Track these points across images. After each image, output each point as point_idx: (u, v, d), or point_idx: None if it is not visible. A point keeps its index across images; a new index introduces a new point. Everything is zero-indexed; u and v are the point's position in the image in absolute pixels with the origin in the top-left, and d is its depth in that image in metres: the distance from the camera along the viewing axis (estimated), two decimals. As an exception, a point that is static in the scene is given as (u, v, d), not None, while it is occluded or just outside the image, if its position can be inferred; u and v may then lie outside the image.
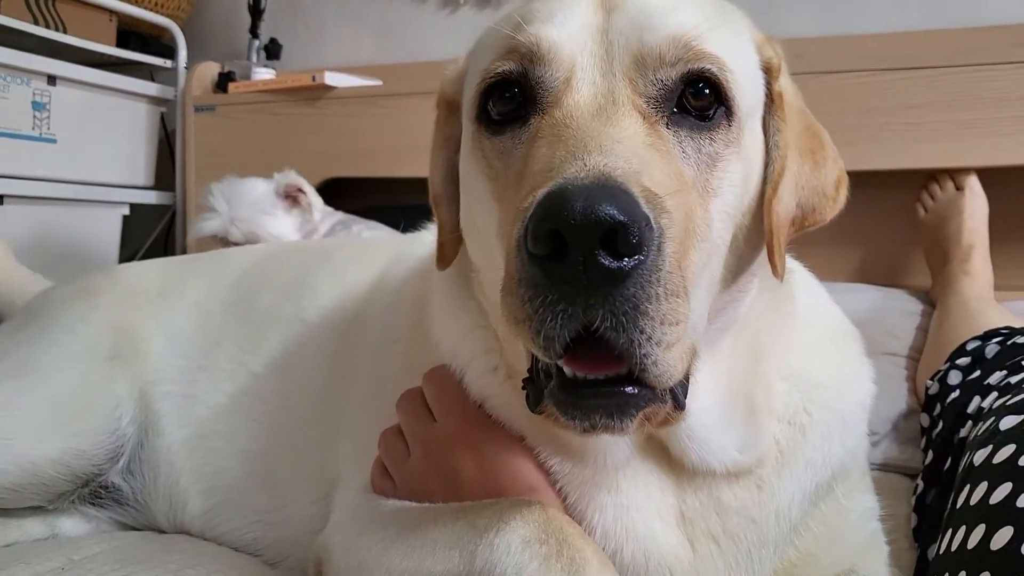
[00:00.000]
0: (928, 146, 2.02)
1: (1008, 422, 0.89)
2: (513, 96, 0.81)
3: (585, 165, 0.66)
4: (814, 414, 0.93)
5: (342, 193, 2.72)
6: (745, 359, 0.90)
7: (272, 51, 3.06)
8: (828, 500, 0.93)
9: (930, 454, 1.18)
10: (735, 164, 0.80)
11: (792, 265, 1.00)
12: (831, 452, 0.93)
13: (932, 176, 2.07)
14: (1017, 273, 2.07)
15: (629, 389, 0.69)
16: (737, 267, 0.85)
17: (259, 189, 2.38)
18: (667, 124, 0.77)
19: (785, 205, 0.85)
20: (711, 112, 0.79)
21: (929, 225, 2.02)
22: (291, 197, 2.41)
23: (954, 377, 1.30)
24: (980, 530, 0.75)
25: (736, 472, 0.88)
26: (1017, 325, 1.40)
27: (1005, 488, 0.79)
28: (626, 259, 0.63)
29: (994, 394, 1.05)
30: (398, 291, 1.21)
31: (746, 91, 0.82)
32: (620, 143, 0.70)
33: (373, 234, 2.33)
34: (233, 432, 1.28)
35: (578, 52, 0.78)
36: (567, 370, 0.69)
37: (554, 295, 0.64)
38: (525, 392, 0.78)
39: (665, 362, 0.67)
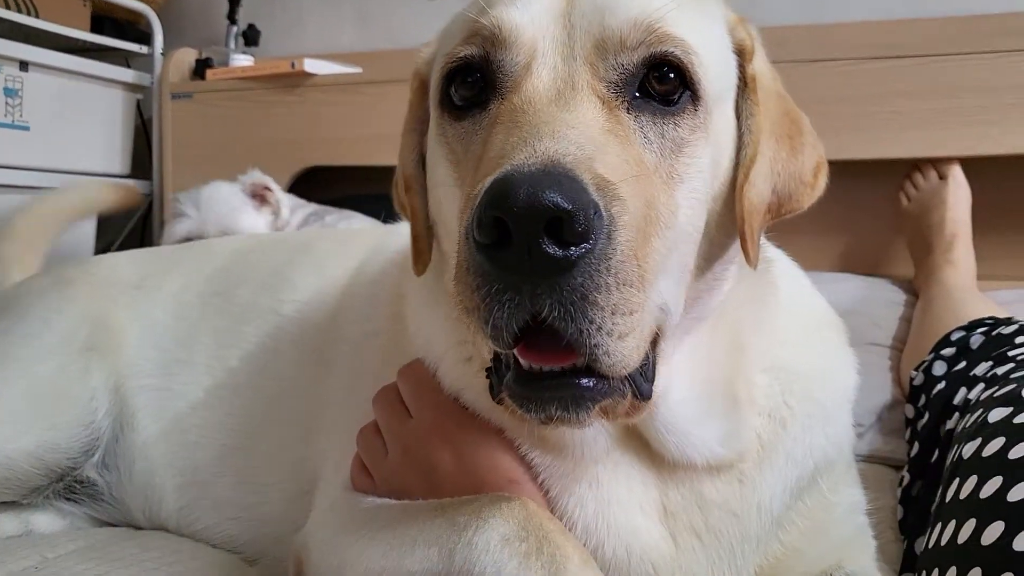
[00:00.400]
0: (911, 135, 2.01)
1: (997, 414, 0.88)
2: (475, 81, 0.79)
3: (535, 151, 0.65)
4: (795, 406, 0.92)
5: (322, 182, 2.70)
6: (725, 349, 0.89)
7: (250, 37, 3.02)
8: (812, 494, 0.92)
9: (916, 446, 1.18)
10: (702, 149, 0.78)
11: (774, 254, 0.99)
12: (813, 444, 0.92)
13: (915, 165, 2.07)
14: (999, 263, 2.07)
15: (584, 381, 0.69)
16: (711, 254, 0.84)
17: (225, 190, 2.36)
18: (628, 109, 0.75)
19: (758, 191, 0.83)
20: (675, 96, 0.77)
21: (912, 214, 2.02)
22: (259, 196, 2.39)
23: (939, 368, 1.29)
24: (970, 525, 0.75)
25: (717, 466, 0.87)
26: (1001, 315, 1.40)
27: (995, 482, 0.78)
28: (572, 248, 0.62)
29: (981, 385, 1.05)
30: (377, 283, 1.19)
31: (714, 74, 0.80)
32: (574, 128, 0.69)
33: (349, 224, 2.31)
34: (210, 426, 1.26)
35: (539, 36, 0.76)
36: (523, 361, 0.69)
37: (500, 284, 0.64)
38: (489, 382, 0.77)
39: (618, 352, 0.66)
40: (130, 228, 3.16)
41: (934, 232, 1.93)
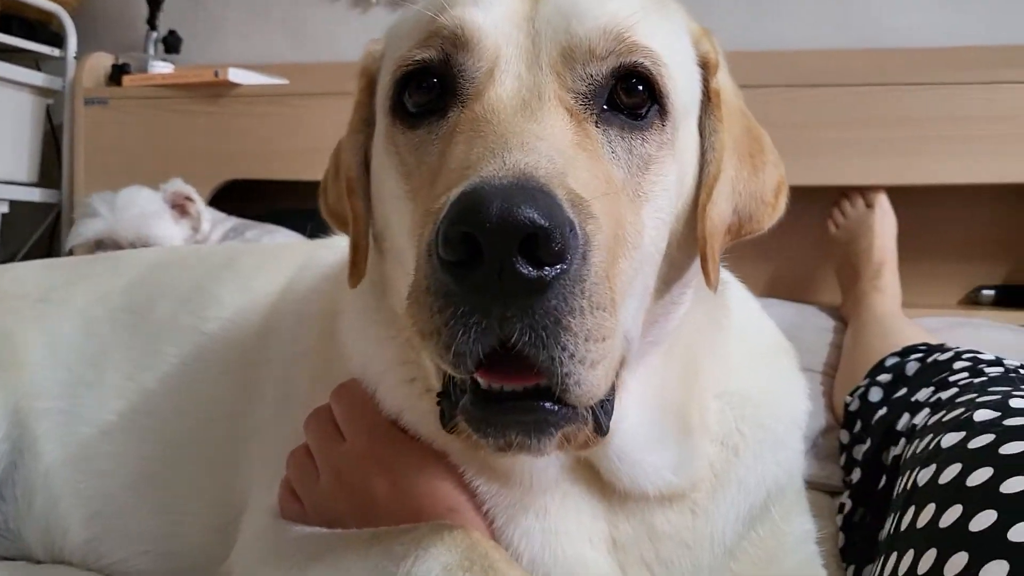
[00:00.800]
0: (840, 163, 2.05)
1: (950, 439, 0.87)
2: (432, 86, 0.75)
3: (504, 163, 0.61)
4: (747, 433, 0.89)
5: (244, 196, 2.61)
6: (679, 375, 0.85)
7: (171, 44, 2.91)
8: (764, 523, 0.90)
9: (857, 472, 1.17)
10: (669, 166, 0.75)
11: (726, 276, 0.97)
12: (765, 472, 0.89)
13: (843, 193, 2.10)
14: (921, 291, 2.12)
15: (549, 405, 0.64)
16: (670, 276, 0.81)
17: (144, 194, 2.26)
18: (596, 122, 0.72)
19: (720, 211, 0.81)
20: (644, 111, 0.74)
21: (840, 241, 2.05)
22: (179, 206, 2.29)
23: (875, 394, 1.29)
24: (931, 555, 0.73)
25: (670, 496, 0.84)
26: (933, 341, 1.41)
27: (955, 511, 0.76)
28: (547, 268, 0.57)
29: (925, 411, 1.04)
30: (307, 300, 1.12)
31: (681, 88, 0.77)
32: (543, 140, 0.65)
33: (272, 239, 2.23)
34: (122, 454, 1.16)
35: (503, 42, 0.72)
36: (481, 381, 0.64)
37: (467, 306, 0.59)
38: (440, 408, 0.72)
39: (589, 381, 0.62)
40: (36, 238, 3.00)
41: (862, 259, 1.96)
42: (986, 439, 0.82)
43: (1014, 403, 0.89)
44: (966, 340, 1.47)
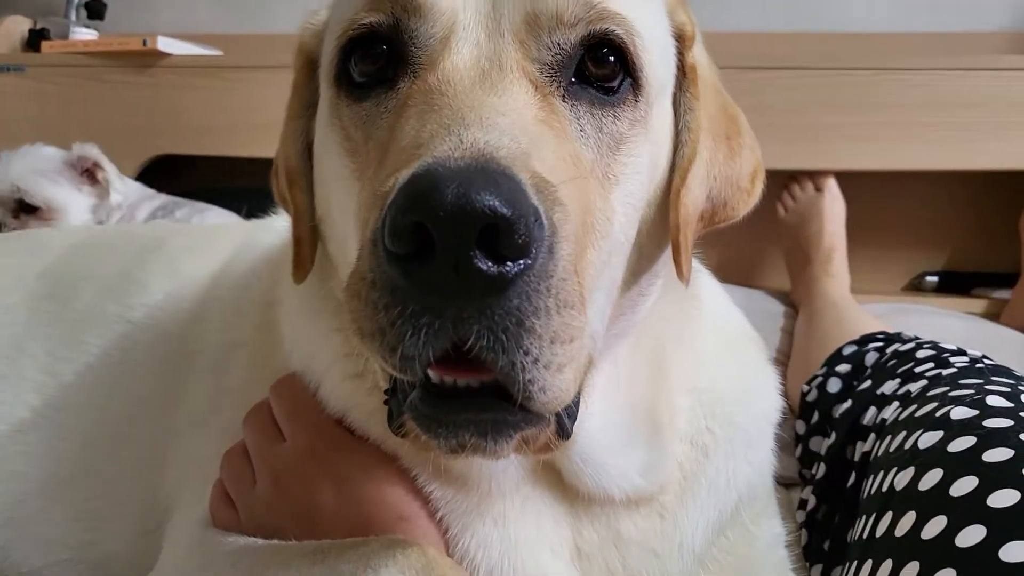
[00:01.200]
0: (789, 147, 2.02)
1: (928, 440, 0.83)
2: (380, 54, 0.68)
3: (461, 142, 0.54)
4: (717, 431, 0.85)
5: (173, 172, 2.49)
6: (646, 370, 0.80)
7: (94, 10, 2.74)
8: (735, 527, 0.85)
9: (822, 468, 1.13)
10: (641, 147, 0.70)
11: (695, 265, 0.91)
12: (736, 472, 0.85)
13: (792, 177, 2.08)
14: (866, 277, 2.12)
15: (508, 405, 0.57)
16: (639, 266, 0.75)
17: (44, 152, 2.10)
18: (563, 97, 0.66)
19: (694, 197, 0.75)
20: (615, 84, 0.68)
21: (789, 225, 2.03)
22: (88, 172, 2.14)
23: (834, 384, 1.26)
24: (913, 567, 0.69)
25: (637, 499, 0.79)
26: (889, 329, 1.39)
27: (939, 522, 0.72)
28: (509, 263, 0.51)
29: (894, 404, 1.01)
30: (243, 286, 1.04)
31: (656, 61, 0.71)
32: (505, 116, 0.58)
33: (203, 219, 2.11)
34: (38, 454, 1.06)
35: (460, 6, 0.65)
36: (433, 376, 0.57)
37: (416, 305, 0.52)
38: (388, 408, 0.65)
39: (555, 386, 0.56)
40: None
41: (812, 244, 1.94)
42: (967, 442, 0.79)
43: (992, 401, 0.86)
44: (913, 326, 1.45)
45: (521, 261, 0.51)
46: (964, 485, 0.74)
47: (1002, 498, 0.70)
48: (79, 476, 1.04)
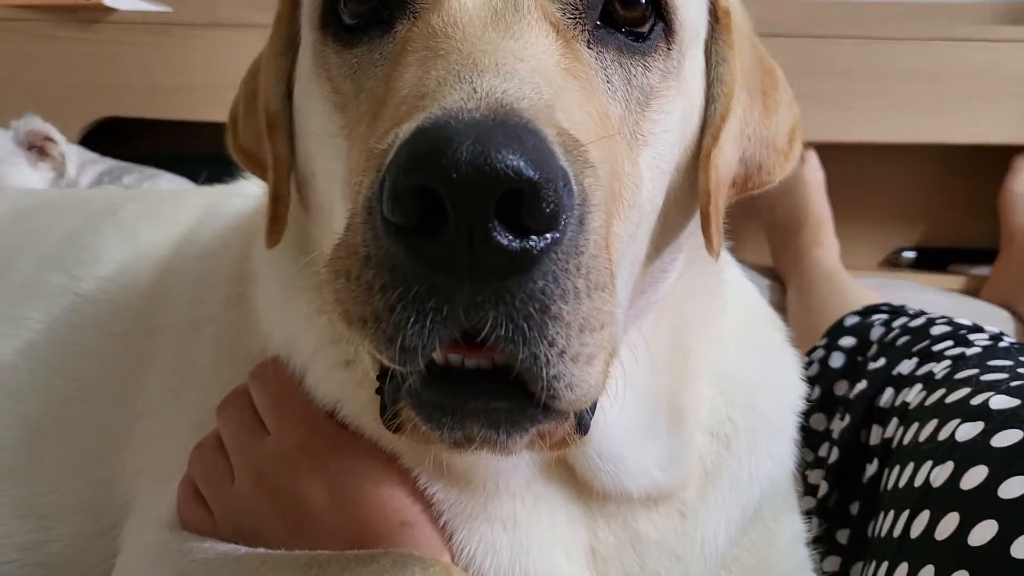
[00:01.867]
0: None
1: (967, 432, 0.77)
2: None
3: (475, 91, 0.46)
4: (739, 421, 0.78)
5: (120, 136, 2.32)
6: (668, 354, 0.73)
7: (32, -39, 2.57)
8: (757, 525, 0.79)
9: (835, 452, 1.07)
10: (673, 102, 0.62)
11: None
12: (759, 466, 0.78)
13: (774, 147, 2.02)
14: (844, 252, 2.06)
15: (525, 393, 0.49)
16: (663, 239, 0.67)
17: None
18: (588, 43, 0.58)
19: (727, 159, 0.68)
20: (645, 29, 0.60)
21: (770, 195, 1.97)
22: (37, 147, 1.98)
23: (837, 359, 1.20)
24: None
25: (656, 496, 0.72)
26: (894, 303, 1.33)
27: (988, 527, 0.66)
28: (534, 237, 0.43)
29: (918, 387, 0.95)
30: (210, 256, 0.94)
31: (689, 3, 0.64)
32: (524, 62, 0.50)
33: (154, 186, 1.97)
34: None
35: None
36: (437, 356, 0.49)
37: (421, 287, 0.44)
38: (380, 400, 0.56)
39: (584, 382, 0.49)
40: None
41: (800, 213, 1.89)
42: (1013, 436, 0.72)
43: None
44: (894, 301, 1.40)
45: (548, 235, 0.44)
46: (1015, 487, 0.68)
47: None
48: (23, 468, 0.93)
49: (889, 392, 1.01)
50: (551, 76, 0.52)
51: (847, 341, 1.21)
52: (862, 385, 1.06)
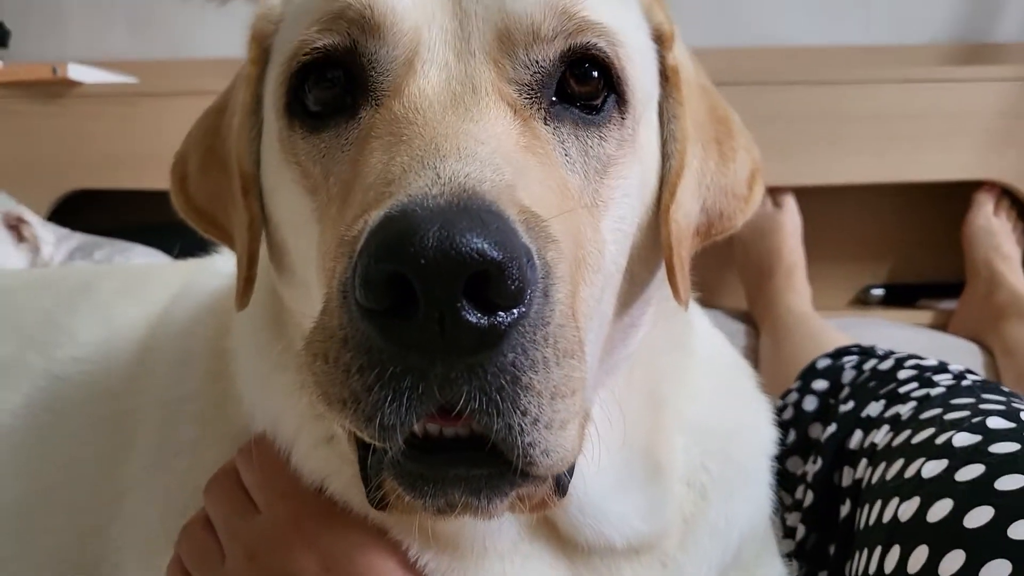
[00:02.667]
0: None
1: (932, 468, 0.79)
2: (336, 79, 0.61)
3: (438, 176, 0.48)
4: (713, 470, 0.79)
5: (90, 209, 2.32)
6: (642, 406, 0.74)
7: (-3, 37, 2.58)
8: (737, 569, 0.80)
9: (809, 495, 1.09)
10: (630, 167, 0.64)
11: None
12: (737, 512, 0.79)
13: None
14: (814, 293, 2.10)
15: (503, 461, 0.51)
16: (630, 295, 0.69)
17: None
18: (545, 119, 0.60)
19: (686, 211, 0.70)
20: (599, 101, 0.62)
21: (747, 240, 2.01)
22: (13, 228, 1.97)
23: (810, 403, 1.22)
24: None
25: (639, 546, 0.73)
26: (862, 344, 1.36)
27: (956, 557, 0.68)
28: (501, 313, 0.45)
29: (884, 428, 0.97)
30: (186, 335, 0.94)
31: (640, 72, 0.66)
32: (484, 145, 0.52)
33: (127, 259, 1.96)
34: None
35: (423, 24, 0.59)
36: (415, 427, 0.50)
37: (397, 367, 0.46)
38: (361, 475, 0.57)
39: (560, 447, 0.50)
40: None
41: (772, 258, 1.92)
42: (975, 471, 0.75)
43: (992, 423, 0.82)
44: (864, 339, 1.43)
45: (515, 309, 0.45)
46: (979, 516, 0.70)
47: (1023, 529, 0.66)
48: (19, 554, 0.92)
49: (858, 434, 1.03)
50: (511, 156, 0.53)
51: (819, 384, 1.23)
52: (832, 428, 1.09)
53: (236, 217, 0.72)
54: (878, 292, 2.21)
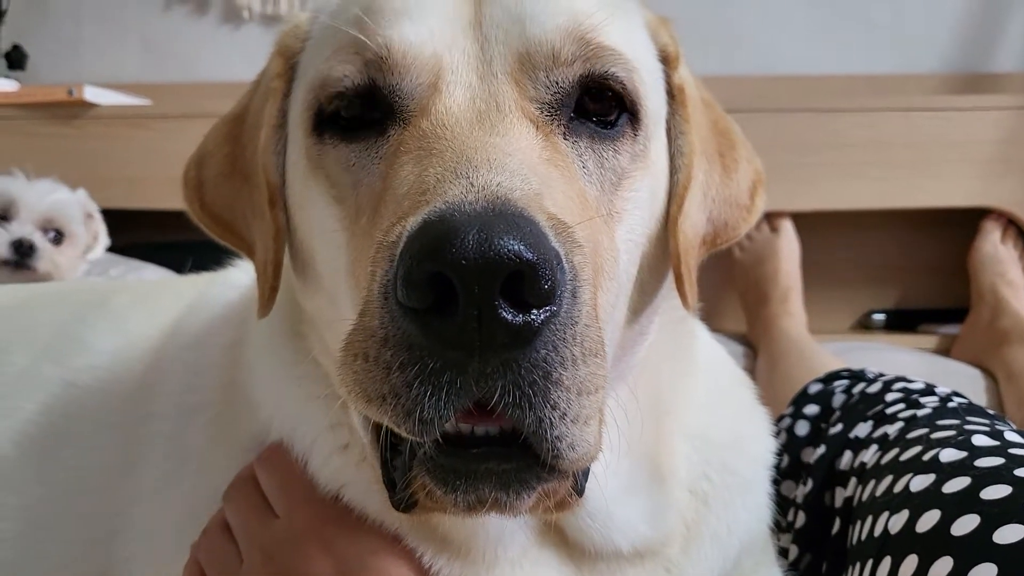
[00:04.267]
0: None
1: (920, 483, 0.81)
2: (364, 101, 0.64)
3: (472, 184, 0.51)
4: (714, 478, 0.81)
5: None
6: (647, 413, 0.75)
7: (15, 60, 2.63)
8: None
9: (801, 516, 1.11)
10: (642, 181, 0.67)
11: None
12: (736, 521, 0.81)
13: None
14: (813, 316, 2.11)
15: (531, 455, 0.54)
16: (639, 303, 0.72)
17: (64, 187, 1.95)
18: (564, 135, 0.63)
19: (693, 222, 0.73)
20: (613, 118, 0.65)
21: (745, 265, 2.04)
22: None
23: (802, 427, 1.24)
24: None
25: (644, 551, 0.75)
26: (853, 367, 1.38)
27: (945, 563, 0.70)
28: (535, 311, 0.48)
29: (873, 448, 0.99)
30: (199, 345, 0.96)
31: (651, 92, 0.69)
32: (512, 157, 0.55)
33: (141, 277, 2.00)
34: None
35: (445, 50, 0.62)
36: (448, 426, 0.53)
37: (437, 363, 0.49)
38: (385, 479, 0.60)
39: (584, 442, 0.53)
40: None
41: (768, 283, 1.95)
42: (962, 483, 0.77)
43: (977, 440, 0.84)
44: (866, 363, 1.44)
45: (548, 308, 0.48)
46: (966, 524, 0.72)
47: (1008, 534, 0.68)
48: (18, 562, 0.93)
49: (848, 455, 1.05)
50: (536, 167, 0.56)
51: (811, 409, 1.25)
52: (822, 449, 1.11)
53: (260, 227, 0.74)
54: (880, 317, 2.23)
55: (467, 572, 0.69)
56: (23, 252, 1.82)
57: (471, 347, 0.48)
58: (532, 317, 0.48)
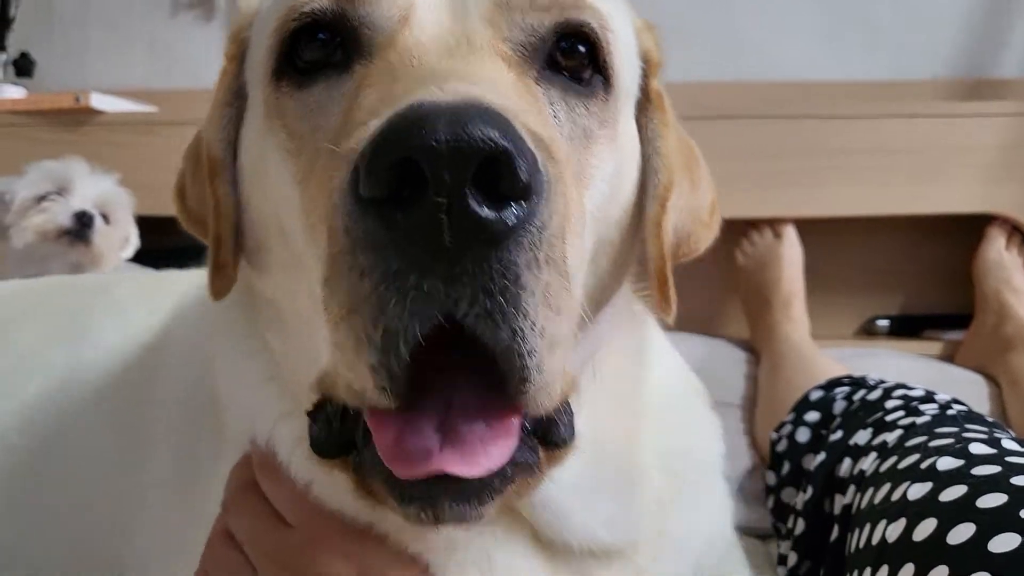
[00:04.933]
0: (745, 195, 2.01)
1: (917, 491, 0.81)
2: (327, 41, 0.61)
3: (442, 89, 0.48)
4: (672, 484, 0.80)
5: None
6: (610, 414, 0.74)
7: (23, 67, 2.65)
8: None
9: (800, 523, 1.11)
10: (609, 152, 0.65)
11: (643, 308, 0.84)
12: (698, 524, 0.82)
13: (752, 224, 2.08)
14: (817, 322, 2.10)
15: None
16: (601, 298, 0.69)
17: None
18: (537, 80, 0.61)
19: (674, 226, 0.72)
20: (586, 75, 0.63)
21: (747, 271, 2.04)
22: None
23: (803, 434, 1.25)
24: None
25: (599, 554, 0.73)
26: (854, 374, 1.38)
27: (940, 572, 0.70)
28: (509, 207, 0.44)
29: (872, 455, 1.00)
30: (200, 335, 0.95)
31: (625, 66, 0.68)
32: (484, 79, 0.53)
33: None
34: None
35: None
36: (399, 473, 0.51)
37: (401, 262, 0.45)
38: (352, 464, 0.57)
39: (550, 369, 0.49)
40: None
41: (771, 289, 1.94)
42: (959, 491, 0.77)
43: (975, 449, 0.85)
44: (870, 369, 1.46)
45: (522, 205, 0.45)
46: (962, 532, 0.72)
47: (1003, 543, 0.68)
48: (19, 555, 0.93)
49: (847, 462, 1.05)
50: (510, 92, 0.54)
51: (812, 416, 1.26)
52: (821, 456, 1.11)
53: (208, 204, 0.71)
54: (884, 323, 2.22)
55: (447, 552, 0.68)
56: (84, 223, 1.88)
57: (439, 244, 0.44)
58: (505, 213, 0.44)
